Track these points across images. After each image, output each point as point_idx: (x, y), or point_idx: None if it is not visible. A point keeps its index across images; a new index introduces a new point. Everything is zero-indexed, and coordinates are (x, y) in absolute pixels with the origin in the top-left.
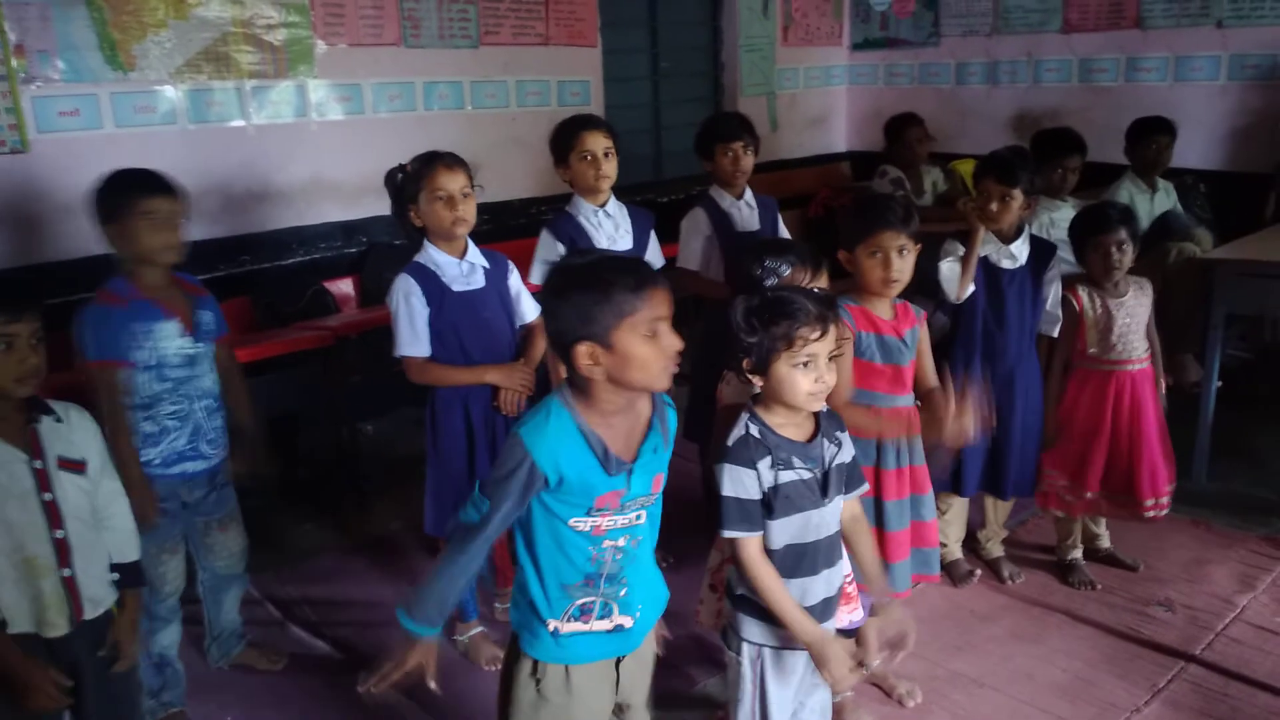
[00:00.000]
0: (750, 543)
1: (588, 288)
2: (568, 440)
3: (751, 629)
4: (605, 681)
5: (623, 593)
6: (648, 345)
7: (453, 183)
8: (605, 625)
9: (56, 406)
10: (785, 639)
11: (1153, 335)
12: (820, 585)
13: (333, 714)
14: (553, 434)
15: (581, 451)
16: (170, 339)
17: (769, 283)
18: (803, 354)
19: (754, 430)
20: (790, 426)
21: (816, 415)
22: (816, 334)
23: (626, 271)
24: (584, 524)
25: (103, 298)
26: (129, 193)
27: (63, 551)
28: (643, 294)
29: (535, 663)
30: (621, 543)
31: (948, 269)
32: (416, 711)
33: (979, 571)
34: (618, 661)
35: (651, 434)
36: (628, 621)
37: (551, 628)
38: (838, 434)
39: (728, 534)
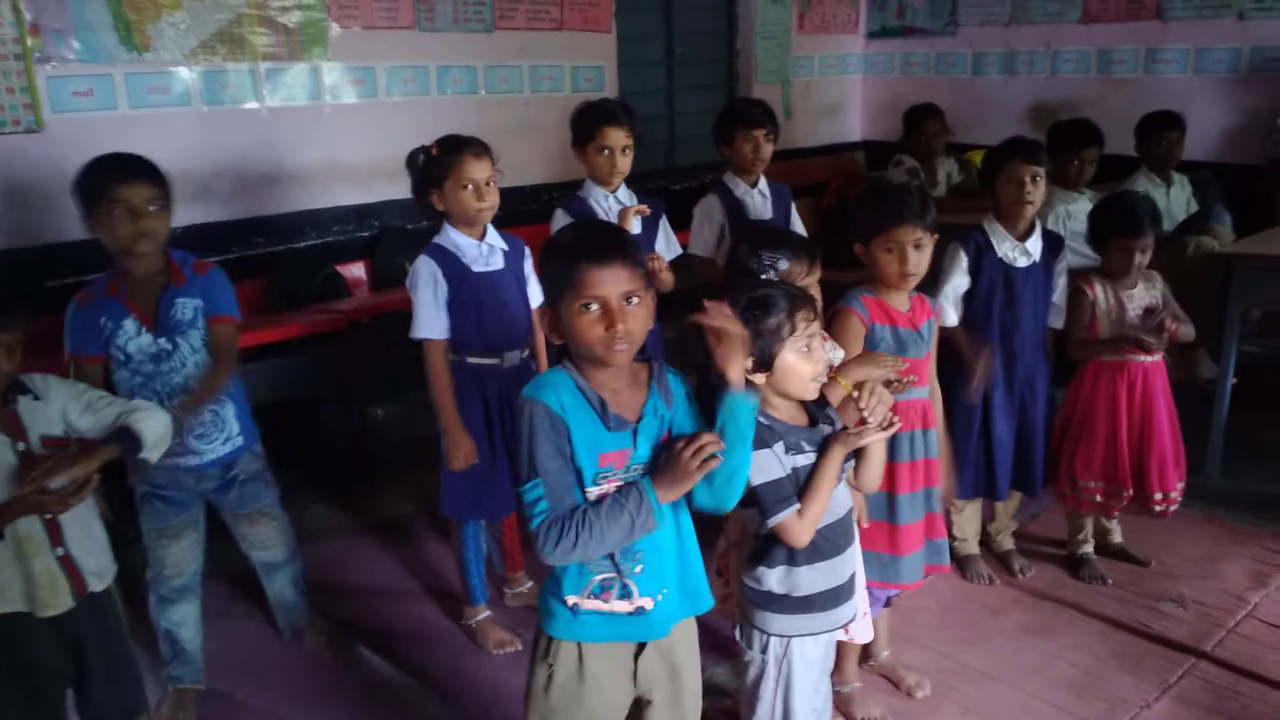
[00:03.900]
0: (793, 518)
1: (551, 256)
2: (565, 390)
3: (777, 622)
4: (621, 673)
5: (638, 569)
6: (582, 318)
7: (480, 171)
8: (625, 606)
9: (34, 383)
10: (811, 626)
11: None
12: (849, 563)
13: (341, 693)
14: (552, 382)
15: (579, 402)
16: (130, 337)
17: (767, 276)
18: (804, 338)
19: (761, 419)
20: (787, 413)
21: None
22: (812, 316)
23: (589, 243)
24: (592, 493)
25: (79, 294)
26: (101, 180)
27: (54, 531)
28: (593, 267)
29: (550, 642)
30: None
31: (945, 301)
32: (423, 694)
33: (997, 580)
34: (638, 653)
35: (651, 397)
36: (648, 604)
37: (571, 603)
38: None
39: (773, 521)
